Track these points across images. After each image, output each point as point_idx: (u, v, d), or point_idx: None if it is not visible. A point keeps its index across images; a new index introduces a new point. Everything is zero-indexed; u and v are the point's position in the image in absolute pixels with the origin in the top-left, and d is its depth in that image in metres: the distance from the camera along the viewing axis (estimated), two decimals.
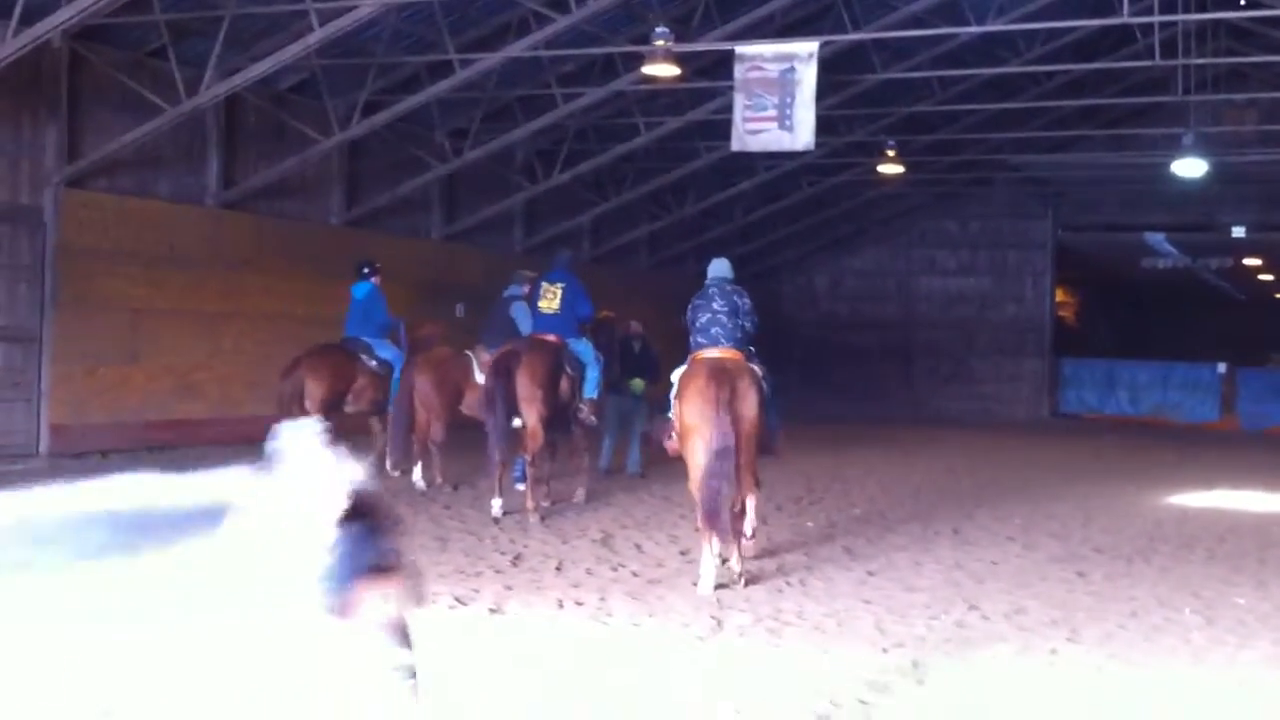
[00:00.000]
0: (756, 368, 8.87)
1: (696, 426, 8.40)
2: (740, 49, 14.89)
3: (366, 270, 13.72)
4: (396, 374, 13.35)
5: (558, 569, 8.90)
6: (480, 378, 12.57)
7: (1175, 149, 22.29)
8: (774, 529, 10.88)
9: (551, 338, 11.73)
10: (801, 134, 14.62)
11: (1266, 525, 11.97)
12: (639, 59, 15.94)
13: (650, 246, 26.93)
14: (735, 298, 8.94)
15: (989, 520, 11.70)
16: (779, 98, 14.48)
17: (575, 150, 21.17)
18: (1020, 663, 6.65)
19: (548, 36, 15.68)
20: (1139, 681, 6.38)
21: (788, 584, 8.58)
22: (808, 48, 14.56)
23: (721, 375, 8.45)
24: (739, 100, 14.73)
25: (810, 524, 11.31)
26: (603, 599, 7.93)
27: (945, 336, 30.41)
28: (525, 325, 12.43)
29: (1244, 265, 38.40)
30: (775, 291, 31.69)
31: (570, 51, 17.22)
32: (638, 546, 9.89)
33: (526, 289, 12.78)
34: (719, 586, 8.23)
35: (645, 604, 7.83)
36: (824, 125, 17.95)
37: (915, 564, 9.45)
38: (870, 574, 9.01)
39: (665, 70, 14.92)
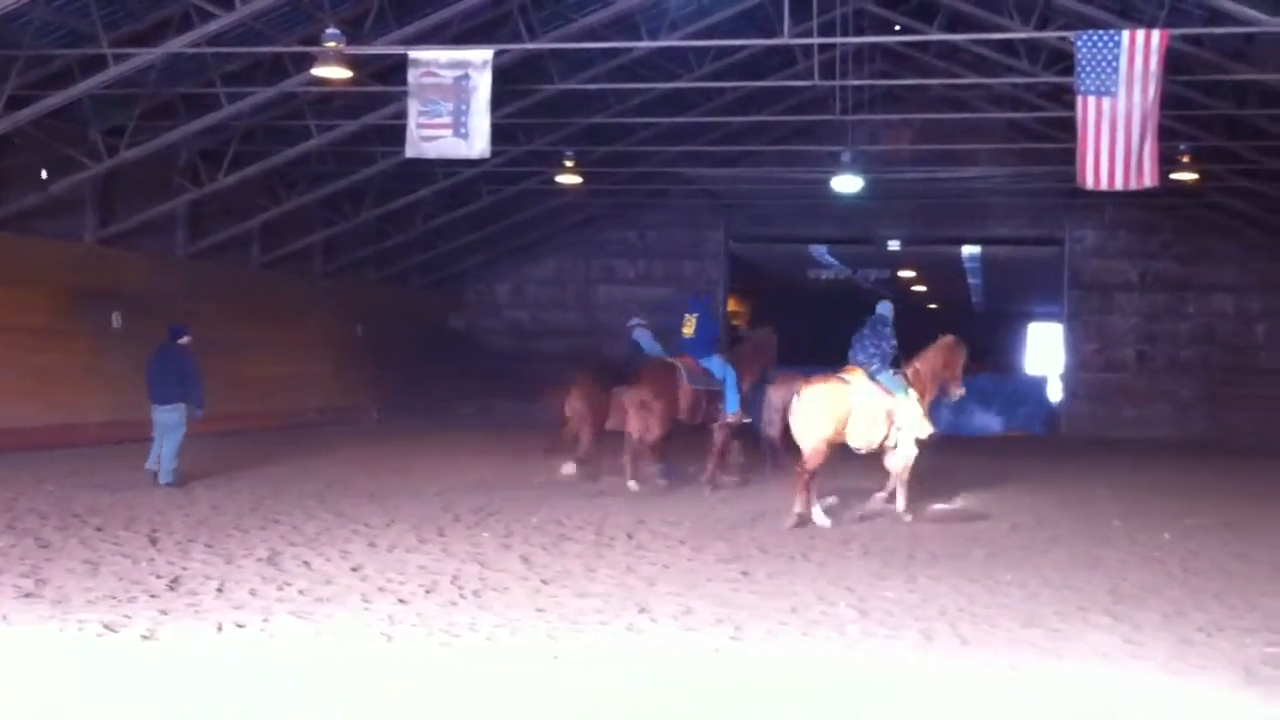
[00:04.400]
0: (854, 380, 12.58)
1: None
2: (414, 54, 14.66)
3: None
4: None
5: (219, 591, 8.47)
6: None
7: (836, 166, 23.53)
8: (450, 540, 10.76)
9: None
10: (477, 141, 14.53)
11: (916, 523, 12.70)
12: (310, 60, 15.49)
13: (326, 253, 26.25)
14: (875, 329, 12.82)
15: (661, 525, 11.93)
16: (454, 104, 14.34)
17: (243, 152, 20.38)
18: (685, 662, 6.77)
19: (211, 33, 15.03)
20: (797, 672, 6.61)
21: (462, 596, 8.46)
22: (482, 55, 14.48)
23: (804, 387, 12.39)
24: (413, 106, 14.49)
25: (486, 534, 11.22)
26: (266, 620, 7.59)
27: (627, 344, 30.93)
28: (649, 346, 16.04)
29: (900, 277, 41.10)
30: (456, 299, 31.55)
31: (236, 49, 16.54)
32: (306, 564, 9.54)
33: (647, 322, 16.66)
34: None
35: (312, 623, 7.55)
36: (502, 134, 17.96)
37: (589, 570, 9.52)
38: (545, 582, 9.00)
39: (337, 72, 14.60)
